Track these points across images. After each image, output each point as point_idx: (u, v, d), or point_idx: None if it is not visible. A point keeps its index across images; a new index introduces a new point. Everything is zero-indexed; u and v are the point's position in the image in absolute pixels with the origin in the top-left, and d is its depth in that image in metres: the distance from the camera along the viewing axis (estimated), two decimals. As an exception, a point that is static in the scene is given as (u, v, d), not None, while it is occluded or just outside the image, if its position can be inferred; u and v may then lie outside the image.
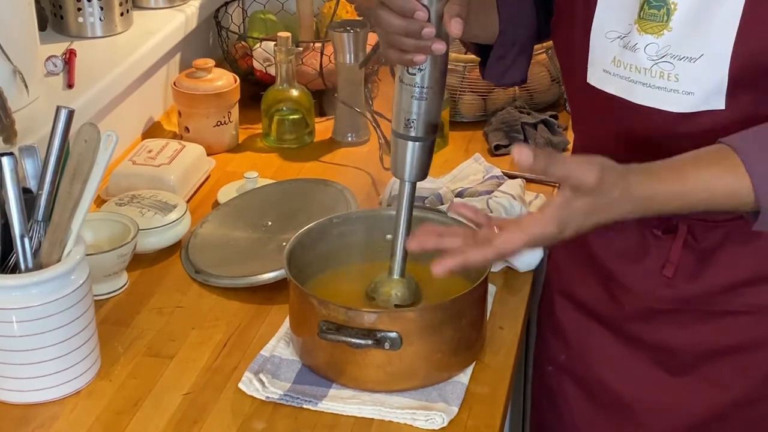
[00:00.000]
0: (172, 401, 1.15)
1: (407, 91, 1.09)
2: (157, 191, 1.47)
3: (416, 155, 1.12)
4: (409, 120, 1.10)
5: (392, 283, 1.17)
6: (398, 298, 1.17)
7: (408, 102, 1.10)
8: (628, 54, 1.09)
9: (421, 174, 1.14)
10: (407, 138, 1.11)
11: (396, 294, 1.17)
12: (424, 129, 1.11)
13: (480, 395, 1.16)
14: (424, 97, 1.09)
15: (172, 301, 1.33)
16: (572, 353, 1.29)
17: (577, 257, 1.28)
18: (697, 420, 1.22)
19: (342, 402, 1.13)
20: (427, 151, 1.13)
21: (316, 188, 1.50)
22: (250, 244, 1.42)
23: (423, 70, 1.08)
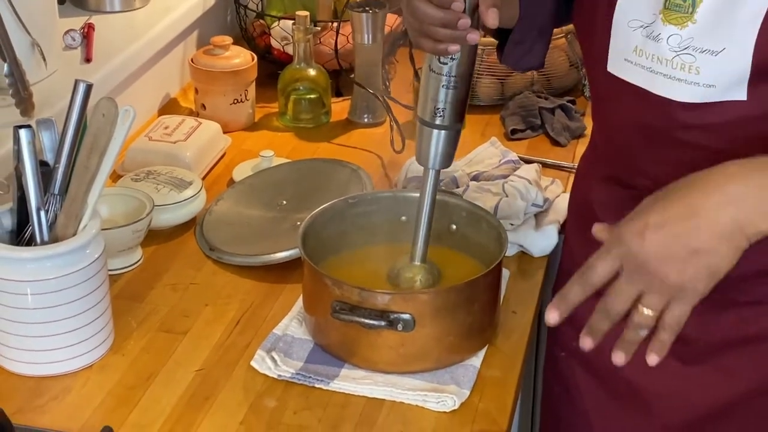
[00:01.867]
0: (184, 377, 1.15)
1: (436, 80, 1.09)
2: (172, 168, 1.48)
3: (441, 143, 1.12)
4: (436, 108, 1.10)
5: (414, 269, 1.18)
6: (421, 284, 1.18)
7: (436, 90, 1.10)
8: (651, 44, 1.08)
9: (446, 162, 1.14)
10: (433, 126, 1.12)
11: (419, 280, 1.18)
12: (451, 118, 1.11)
13: (492, 379, 1.16)
14: (453, 85, 1.09)
15: (185, 277, 1.33)
16: (584, 339, 1.29)
17: (594, 245, 1.26)
18: (709, 409, 1.22)
19: (354, 382, 1.14)
20: (452, 139, 1.13)
21: (332, 168, 1.50)
22: (264, 223, 1.42)
23: (455, 59, 1.08)
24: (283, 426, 1.09)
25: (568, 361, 1.31)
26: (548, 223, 1.40)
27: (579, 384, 1.30)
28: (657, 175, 1.18)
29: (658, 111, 1.11)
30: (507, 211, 1.38)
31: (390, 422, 1.09)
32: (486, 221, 1.25)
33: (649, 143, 1.16)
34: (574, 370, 1.30)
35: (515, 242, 1.38)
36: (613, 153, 1.23)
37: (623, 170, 1.22)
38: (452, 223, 1.28)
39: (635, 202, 1.21)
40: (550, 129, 1.67)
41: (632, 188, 1.21)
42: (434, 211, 1.16)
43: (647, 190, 1.19)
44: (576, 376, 1.30)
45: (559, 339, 1.34)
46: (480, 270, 1.19)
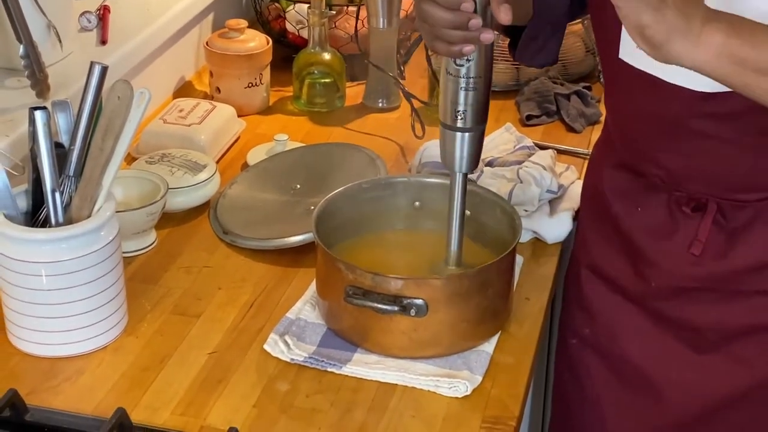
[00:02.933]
0: (197, 359, 1.16)
1: (454, 83, 1.07)
2: (187, 151, 1.48)
3: (466, 146, 1.11)
4: (457, 111, 1.09)
5: (448, 273, 1.17)
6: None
7: (456, 93, 1.08)
8: None
9: (473, 164, 1.12)
10: (456, 129, 1.10)
11: None
12: (473, 119, 1.09)
13: (504, 365, 1.16)
14: (472, 87, 1.07)
15: (199, 260, 1.33)
16: (597, 327, 1.29)
17: (606, 232, 1.27)
18: (720, 398, 1.22)
19: (366, 366, 1.14)
20: (477, 141, 1.11)
21: (346, 153, 1.49)
22: (278, 207, 1.42)
23: (471, 60, 1.06)
24: (295, 409, 1.09)
25: (580, 348, 1.31)
26: (562, 210, 1.40)
27: (590, 371, 1.30)
28: (669, 164, 1.18)
29: (671, 100, 1.11)
30: (521, 198, 1.38)
31: (402, 407, 1.10)
32: (500, 207, 1.25)
33: (662, 132, 1.15)
34: (586, 357, 1.30)
35: (529, 228, 1.37)
36: (626, 141, 1.23)
37: (635, 158, 1.21)
38: (466, 209, 1.26)
39: (648, 191, 1.21)
40: (565, 115, 1.67)
41: (644, 176, 1.21)
42: (464, 215, 1.14)
43: (659, 179, 1.19)
44: (587, 362, 1.30)
45: (570, 326, 1.34)
46: (494, 256, 1.18)
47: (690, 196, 1.17)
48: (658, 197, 1.20)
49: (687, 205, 1.18)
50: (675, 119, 1.13)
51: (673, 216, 1.19)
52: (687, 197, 1.18)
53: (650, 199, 1.20)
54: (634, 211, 1.22)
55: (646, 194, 1.21)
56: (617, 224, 1.25)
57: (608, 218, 1.26)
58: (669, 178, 1.18)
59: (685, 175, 1.17)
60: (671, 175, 1.18)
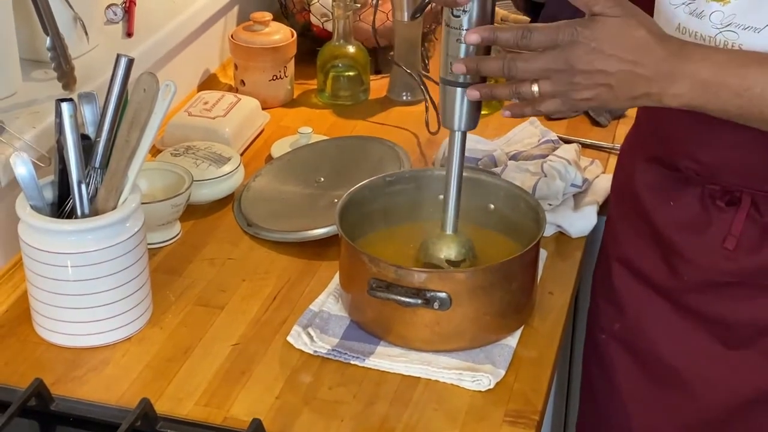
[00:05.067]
0: (221, 351, 1.16)
1: (453, 35, 1.06)
2: (211, 143, 1.48)
3: (466, 102, 1.09)
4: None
5: (444, 240, 1.16)
6: (451, 255, 1.16)
7: (455, 46, 1.06)
8: (694, 21, 1.07)
9: (472, 122, 1.10)
10: (456, 84, 1.08)
11: (448, 250, 1.16)
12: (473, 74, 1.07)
13: (527, 359, 1.16)
14: None
15: (223, 252, 1.34)
16: (627, 322, 1.28)
17: (637, 226, 1.26)
18: (751, 395, 1.21)
19: (389, 359, 1.14)
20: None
21: (370, 146, 1.49)
22: (302, 200, 1.42)
23: (468, 11, 1.04)
24: (318, 401, 1.09)
25: (609, 344, 1.30)
26: (587, 204, 1.39)
27: (619, 366, 1.29)
28: (703, 157, 1.17)
29: None
30: (545, 191, 1.37)
31: (425, 400, 1.10)
32: (524, 201, 1.24)
33: (695, 124, 1.14)
34: (614, 353, 1.30)
35: (553, 222, 1.37)
36: (658, 134, 1.22)
37: (668, 152, 1.20)
38: (490, 203, 1.27)
39: (681, 184, 1.20)
40: (590, 109, 1.65)
41: (677, 170, 1.20)
42: (463, 176, 1.13)
43: (693, 172, 1.18)
44: (616, 358, 1.29)
45: (599, 321, 1.33)
46: (517, 250, 1.18)
47: (724, 189, 1.16)
48: (691, 191, 1.19)
49: (721, 198, 1.17)
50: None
51: (706, 210, 1.18)
52: (721, 191, 1.16)
53: (683, 192, 1.19)
54: (666, 205, 1.21)
55: (679, 188, 1.20)
56: (649, 218, 1.24)
57: (640, 212, 1.25)
58: (703, 171, 1.17)
59: (718, 167, 1.16)
60: (705, 168, 1.17)
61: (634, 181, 1.25)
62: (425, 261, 1.17)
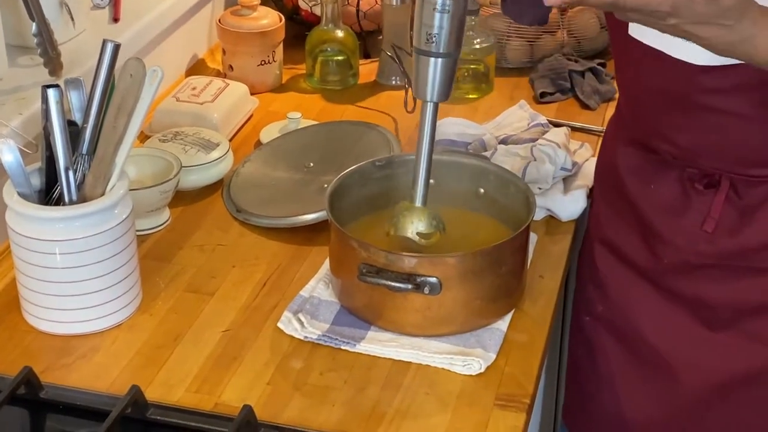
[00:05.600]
0: (211, 337, 1.16)
1: (428, 4, 1.05)
2: (200, 129, 1.48)
3: (439, 73, 1.08)
4: (430, 35, 1.06)
5: (414, 213, 1.15)
6: (420, 228, 1.15)
7: (429, 15, 1.05)
8: None
9: (444, 93, 1.09)
10: (429, 54, 1.07)
11: (419, 223, 1.15)
12: (446, 44, 1.06)
13: (518, 343, 1.16)
14: (447, 9, 1.04)
15: (213, 238, 1.34)
16: (610, 304, 1.29)
17: (619, 208, 1.27)
18: (734, 376, 1.22)
19: (380, 344, 1.14)
20: (450, 68, 1.08)
21: (359, 130, 1.49)
22: (291, 185, 1.42)
23: None
24: (309, 387, 1.10)
25: (594, 326, 1.31)
26: (576, 188, 1.39)
27: (604, 348, 1.30)
28: (680, 140, 1.17)
29: (677, 75, 1.10)
30: (535, 175, 1.37)
31: (416, 385, 1.10)
32: (514, 185, 1.24)
33: (670, 108, 1.15)
34: (599, 335, 1.30)
35: (543, 206, 1.37)
36: (637, 117, 1.22)
37: (647, 135, 1.21)
38: (480, 187, 1.28)
39: (660, 167, 1.21)
40: (579, 92, 1.66)
41: (656, 153, 1.21)
42: (433, 148, 1.12)
43: (671, 155, 1.19)
44: (601, 340, 1.30)
45: (584, 303, 1.34)
46: (507, 234, 1.18)
47: (702, 172, 1.17)
48: (670, 174, 1.19)
49: (699, 181, 1.18)
50: (681, 94, 1.12)
51: (685, 193, 1.19)
52: (699, 174, 1.17)
53: (663, 175, 1.20)
54: (647, 188, 1.22)
55: (658, 171, 1.21)
56: (630, 201, 1.24)
57: (622, 195, 1.26)
58: (680, 155, 1.18)
59: (696, 151, 1.16)
60: (682, 152, 1.17)
61: (617, 163, 1.26)
62: (396, 234, 1.15)
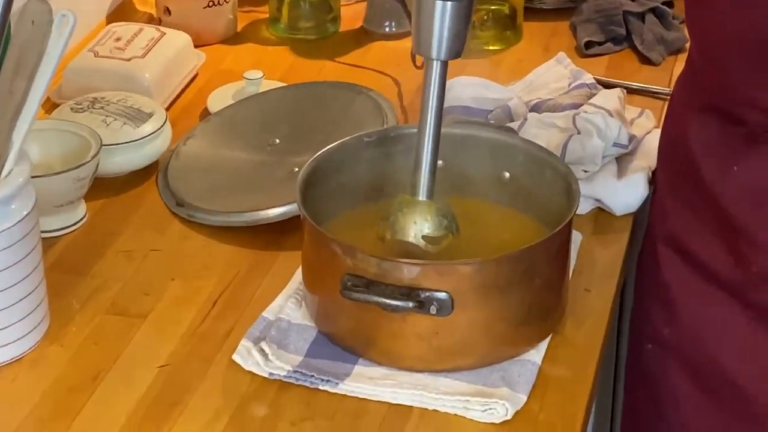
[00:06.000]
0: (143, 376, 1.16)
1: None
2: (126, 94, 1.48)
3: (448, 20, 1.09)
4: None
5: (417, 210, 1.16)
6: (426, 230, 1.15)
7: None
8: None
9: (455, 48, 1.10)
10: None
11: (423, 222, 1.15)
12: None
13: (557, 379, 1.16)
14: None
15: (145, 242, 1.34)
16: (680, 326, 1.29)
17: (691, 199, 1.28)
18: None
19: (371, 383, 1.14)
20: (462, 15, 1.09)
21: (342, 95, 1.50)
22: (250, 169, 1.42)
23: None
24: (276, 442, 1.10)
25: (658, 355, 1.32)
26: (635, 170, 1.40)
27: (671, 385, 1.31)
28: None
29: (758, 16, 1.12)
30: (579, 154, 1.38)
31: (420, 437, 1.10)
32: (550, 167, 1.25)
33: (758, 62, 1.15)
34: (666, 367, 1.31)
35: (590, 196, 1.38)
36: (715, 76, 1.23)
37: (729, 99, 1.22)
38: (504, 170, 1.28)
39: (747, 142, 1.21)
40: (638, 41, 1.67)
41: (742, 124, 1.21)
42: (441, 123, 1.13)
43: (761, 127, 1.19)
44: (667, 374, 1.31)
45: (645, 325, 1.34)
46: (542, 233, 1.18)
47: None
48: (760, 151, 1.20)
49: None
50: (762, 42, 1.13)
51: None
52: None
53: (750, 154, 1.21)
54: (729, 171, 1.23)
55: (744, 148, 1.22)
56: (707, 188, 1.25)
57: (695, 180, 1.26)
58: None
59: None
60: None
61: (687, 139, 1.26)
62: (393, 238, 1.16)
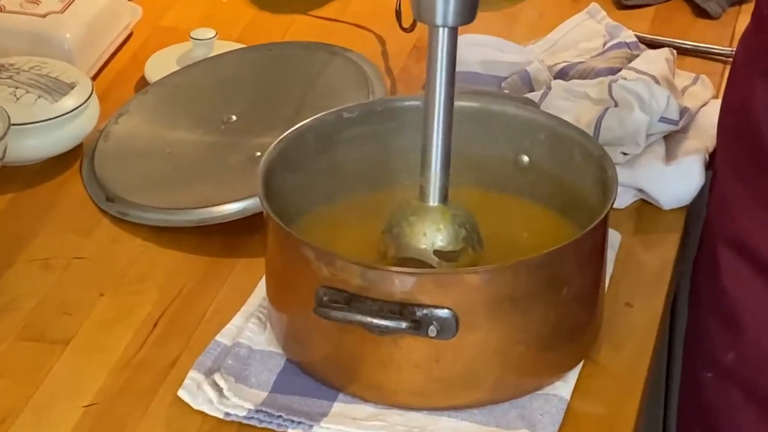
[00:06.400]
0: (65, 417, 1.16)
1: None
2: (41, 59, 1.48)
3: None
4: None
5: (427, 215, 1.17)
6: (439, 240, 1.17)
7: None
8: None
9: (467, 12, 1.11)
10: None
11: (435, 233, 1.17)
12: None
13: (591, 418, 1.17)
14: None
15: (66, 247, 1.35)
16: (747, 349, 1.31)
17: (760, 186, 1.29)
18: None
19: (354, 425, 1.14)
20: None
21: (315, 59, 1.50)
22: (200, 154, 1.43)
23: None
24: (234, 500, 1.11)
25: (719, 386, 1.33)
26: (688, 153, 1.41)
27: (736, 421, 1.32)
28: None
29: None
30: (617, 131, 1.39)
31: (416, 492, 1.12)
32: (580, 148, 1.25)
33: None
34: (729, 401, 1.32)
35: (631, 185, 1.39)
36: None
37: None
38: (523, 153, 1.29)
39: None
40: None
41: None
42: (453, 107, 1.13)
43: None
44: (732, 409, 1.32)
45: (702, 349, 1.36)
46: (571, 233, 1.19)
47: None
48: None
49: None
50: None
51: None
52: None
53: None
54: None
55: None
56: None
57: (763, 162, 1.27)
58: None
59: None
60: None
61: (755, 109, 1.27)
62: (398, 254, 1.18)
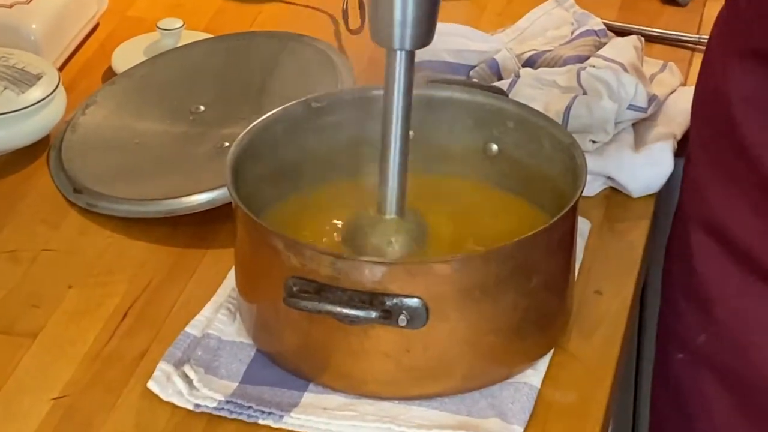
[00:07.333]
0: (34, 410, 1.16)
1: None
2: (8, 50, 1.49)
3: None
4: None
5: (384, 227, 1.18)
6: (396, 251, 1.18)
7: None
8: None
9: (423, 35, 1.11)
10: None
11: (392, 243, 1.18)
12: None
13: (561, 407, 1.17)
14: None
15: (34, 239, 1.35)
16: (719, 330, 1.31)
17: (733, 170, 1.29)
18: None
19: (325, 415, 1.15)
20: None
21: (282, 48, 1.51)
22: (168, 145, 1.43)
23: None
24: (205, 492, 1.11)
25: (691, 367, 1.34)
26: (657, 140, 1.41)
27: (708, 403, 1.32)
28: None
29: None
30: (585, 120, 1.39)
31: (388, 482, 1.11)
32: (549, 137, 1.25)
33: None
34: (701, 382, 1.33)
35: (601, 173, 1.39)
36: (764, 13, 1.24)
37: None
38: (491, 142, 1.29)
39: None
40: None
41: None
42: (410, 123, 1.14)
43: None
44: (703, 390, 1.33)
45: (674, 331, 1.36)
46: (539, 220, 1.19)
47: None
48: None
49: None
50: None
51: None
52: None
53: None
54: None
55: None
56: (753, 155, 1.26)
57: (737, 146, 1.27)
58: None
59: None
60: None
61: (728, 93, 1.27)
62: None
